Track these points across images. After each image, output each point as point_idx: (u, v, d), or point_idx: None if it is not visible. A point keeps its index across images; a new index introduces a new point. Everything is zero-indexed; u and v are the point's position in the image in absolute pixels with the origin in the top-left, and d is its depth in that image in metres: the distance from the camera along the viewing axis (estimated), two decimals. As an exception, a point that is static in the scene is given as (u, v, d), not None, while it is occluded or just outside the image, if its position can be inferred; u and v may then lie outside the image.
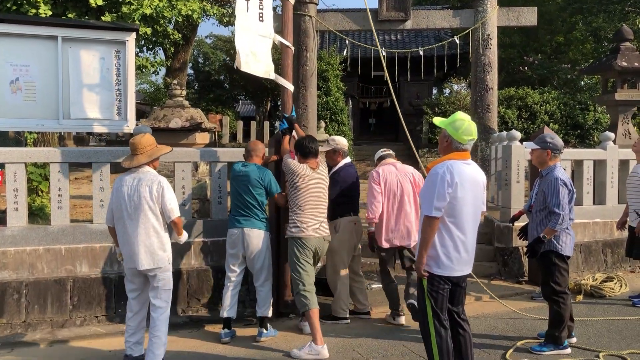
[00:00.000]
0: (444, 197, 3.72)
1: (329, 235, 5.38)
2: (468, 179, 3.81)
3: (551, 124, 17.20)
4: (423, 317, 3.94)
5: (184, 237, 4.80)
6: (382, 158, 6.02)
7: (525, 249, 5.24)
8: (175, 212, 4.55)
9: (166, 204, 4.50)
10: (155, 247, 4.52)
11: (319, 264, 6.15)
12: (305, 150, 5.21)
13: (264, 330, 5.35)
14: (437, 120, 4.01)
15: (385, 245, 5.70)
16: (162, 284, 4.60)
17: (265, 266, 5.41)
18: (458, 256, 3.84)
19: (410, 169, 5.91)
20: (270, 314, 5.45)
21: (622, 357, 4.79)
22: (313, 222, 5.15)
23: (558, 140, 5.06)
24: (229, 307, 5.41)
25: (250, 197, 5.32)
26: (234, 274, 5.47)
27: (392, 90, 7.14)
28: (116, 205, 4.60)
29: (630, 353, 4.87)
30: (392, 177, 5.72)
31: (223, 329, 5.38)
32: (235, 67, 5.59)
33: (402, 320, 5.79)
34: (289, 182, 5.25)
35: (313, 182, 5.15)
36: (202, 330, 5.71)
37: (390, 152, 6.14)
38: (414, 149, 7.36)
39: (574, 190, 5.03)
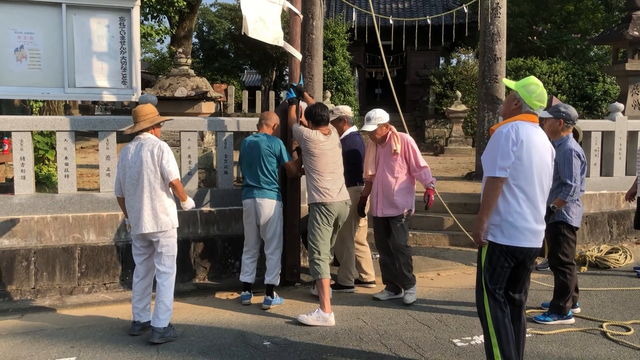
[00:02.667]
0: (508, 156, 3.43)
1: (349, 200, 5.43)
2: (535, 141, 3.51)
3: (559, 94, 17.03)
4: (478, 296, 3.62)
5: (188, 203, 4.82)
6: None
7: None
8: (173, 174, 4.58)
9: (164, 166, 4.54)
10: (158, 210, 4.57)
11: None
12: (317, 117, 5.20)
13: (271, 298, 5.42)
14: (508, 82, 3.72)
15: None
16: (166, 249, 4.66)
17: (277, 235, 5.46)
18: (527, 225, 3.50)
19: None
20: (278, 282, 5.52)
21: (626, 327, 4.82)
22: (334, 186, 5.18)
23: (572, 111, 4.99)
24: (247, 272, 5.55)
25: (261, 167, 5.35)
26: (251, 243, 5.57)
27: (385, 61, 7.00)
28: (122, 173, 4.66)
29: (634, 323, 4.90)
30: None
31: (244, 291, 5.56)
32: (243, 34, 5.53)
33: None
34: (303, 150, 5.24)
35: (328, 148, 5.16)
36: (209, 297, 5.77)
37: None
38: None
39: (586, 161, 5.01)
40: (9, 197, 5.77)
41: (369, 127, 5.34)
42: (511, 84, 3.67)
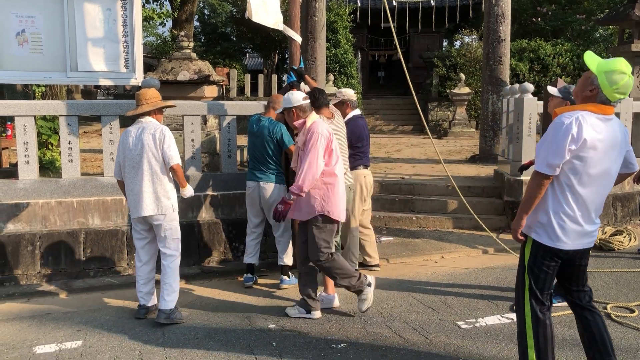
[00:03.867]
0: (562, 154, 3.04)
1: (353, 184, 5.44)
2: (602, 137, 3.07)
3: (563, 76, 16.91)
4: (519, 293, 3.37)
5: (187, 190, 4.79)
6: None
7: None
8: (174, 159, 4.57)
9: (165, 150, 4.53)
10: (159, 194, 4.58)
11: None
12: (318, 101, 5.14)
13: (286, 278, 5.51)
14: (591, 59, 3.16)
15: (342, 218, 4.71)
16: (170, 233, 4.67)
17: None
18: (577, 228, 3.16)
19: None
20: (291, 262, 5.58)
21: (630, 308, 4.83)
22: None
23: None
24: (251, 254, 5.60)
25: (265, 152, 5.39)
26: (254, 224, 5.62)
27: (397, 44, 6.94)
28: (123, 157, 4.66)
29: (638, 305, 4.90)
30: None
31: (246, 273, 5.60)
32: (247, 17, 5.51)
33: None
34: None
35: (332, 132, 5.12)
36: (214, 281, 5.80)
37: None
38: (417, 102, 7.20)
39: None
40: (13, 182, 5.78)
41: (278, 110, 4.74)
42: (593, 63, 3.14)
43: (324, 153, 4.48)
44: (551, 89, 4.89)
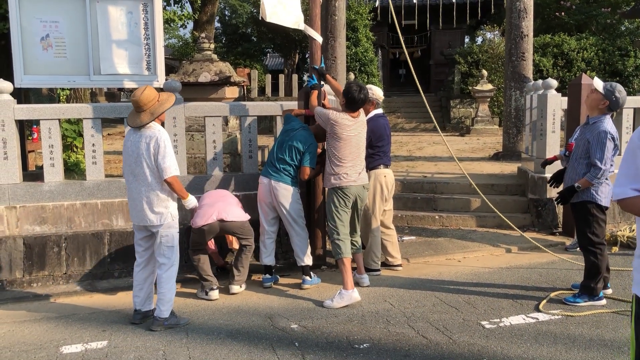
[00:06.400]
0: None
1: (368, 184, 5.42)
2: None
3: (588, 71, 16.63)
4: None
5: (189, 202, 4.72)
6: None
7: (556, 195, 5.11)
8: (168, 171, 4.41)
9: (160, 162, 4.40)
10: (154, 204, 4.51)
11: None
12: (355, 100, 5.06)
13: (308, 278, 5.50)
14: None
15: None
16: (165, 240, 4.60)
17: (297, 217, 5.47)
18: None
19: None
20: (310, 262, 5.56)
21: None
22: (353, 171, 5.15)
23: (622, 100, 4.72)
24: (267, 254, 5.60)
25: (287, 154, 5.38)
26: (267, 223, 5.60)
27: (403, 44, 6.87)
28: (123, 161, 4.66)
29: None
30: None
31: (265, 274, 5.60)
32: (261, 19, 5.52)
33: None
34: (328, 133, 5.17)
35: (353, 133, 5.10)
36: (236, 281, 5.82)
37: None
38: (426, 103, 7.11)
39: (619, 143, 4.85)
40: (39, 184, 5.88)
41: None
42: None
43: None
44: (597, 82, 4.77)
